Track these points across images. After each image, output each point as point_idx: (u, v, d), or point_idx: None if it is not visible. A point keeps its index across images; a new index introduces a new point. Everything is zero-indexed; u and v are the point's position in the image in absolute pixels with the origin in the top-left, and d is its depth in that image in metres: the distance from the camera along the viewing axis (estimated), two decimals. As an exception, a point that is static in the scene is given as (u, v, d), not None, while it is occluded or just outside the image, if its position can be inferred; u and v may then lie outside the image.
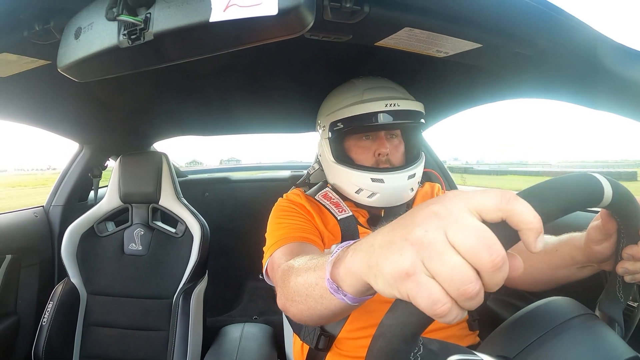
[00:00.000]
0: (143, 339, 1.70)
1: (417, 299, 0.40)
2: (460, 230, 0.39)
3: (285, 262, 0.96)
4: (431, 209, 0.43)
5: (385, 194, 1.22)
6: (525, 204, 0.41)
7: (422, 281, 0.40)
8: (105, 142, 2.21)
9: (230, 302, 3.01)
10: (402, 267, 0.41)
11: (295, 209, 1.27)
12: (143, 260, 1.81)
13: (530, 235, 0.40)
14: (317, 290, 0.67)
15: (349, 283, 0.55)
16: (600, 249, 0.77)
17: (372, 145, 1.26)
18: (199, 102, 1.91)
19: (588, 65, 0.86)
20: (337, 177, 1.32)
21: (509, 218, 0.40)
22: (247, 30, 0.65)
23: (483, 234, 0.39)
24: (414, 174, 1.24)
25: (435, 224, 0.41)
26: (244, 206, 2.98)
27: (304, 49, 1.26)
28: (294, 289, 0.77)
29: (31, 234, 1.94)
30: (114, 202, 1.91)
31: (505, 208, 0.40)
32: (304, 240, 1.14)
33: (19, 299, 1.84)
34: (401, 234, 0.43)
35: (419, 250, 0.41)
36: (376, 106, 1.18)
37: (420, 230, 0.41)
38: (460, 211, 0.41)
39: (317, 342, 1.16)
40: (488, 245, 0.38)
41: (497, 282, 0.39)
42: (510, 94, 1.39)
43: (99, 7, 0.73)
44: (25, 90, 1.32)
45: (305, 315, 0.76)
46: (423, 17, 0.81)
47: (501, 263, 0.38)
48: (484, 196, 0.41)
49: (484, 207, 0.41)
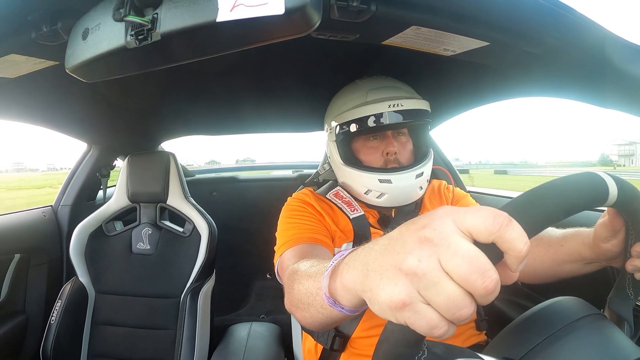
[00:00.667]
0: (150, 337, 1.71)
1: (415, 325, 0.41)
2: (453, 257, 0.39)
3: (293, 263, 0.96)
4: (423, 233, 0.42)
5: (394, 194, 1.23)
6: (518, 230, 0.40)
7: (419, 310, 0.40)
8: (113, 142, 2.22)
9: (237, 301, 3.02)
10: (398, 298, 0.41)
11: (305, 209, 1.27)
12: (151, 259, 1.82)
13: (514, 262, 0.41)
14: (317, 300, 0.68)
15: (346, 298, 0.55)
16: (608, 247, 0.77)
17: (380, 145, 1.27)
18: (206, 102, 1.91)
19: (596, 63, 0.86)
20: (346, 178, 1.33)
21: (498, 242, 0.40)
22: (254, 30, 0.65)
23: (476, 260, 0.39)
24: (422, 173, 1.24)
25: (427, 251, 0.40)
26: (251, 205, 2.98)
27: (311, 48, 1.26)
28: (297, 297, 0.78)
29: (40, 234, 1.95)
30: (122, 202, 1.91)
31: (496, 234, 0.39)
32: (313, 241, 1.15)
33: (27, 297, 1.86)
34: (394, 262, 0.43)
35: (413, 280, 0.41)
36: (380, 107, 1.18)
37: (414, 260, 0.41)
38: (452, 235, 0.40)
39: (332, 343, 1.16)
40: (481, 271, 0.38)
41: (489, 301, 0.40)
42: (517, 92, 1.38)
43: (106, 8, 0.73)
44: (33, 91, 1.32)
45: (309, 322, 0.77)
46: (430, 16, 0.81)
47: (494, 288, 0.38)
48: (476, 217, 0.40)
49: (476, 229, 0.40)
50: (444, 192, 1.43)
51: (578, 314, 0.64)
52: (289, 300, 0.84)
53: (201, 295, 1.70)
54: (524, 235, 0.40)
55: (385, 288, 0.43)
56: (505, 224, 0.39)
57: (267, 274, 3.11)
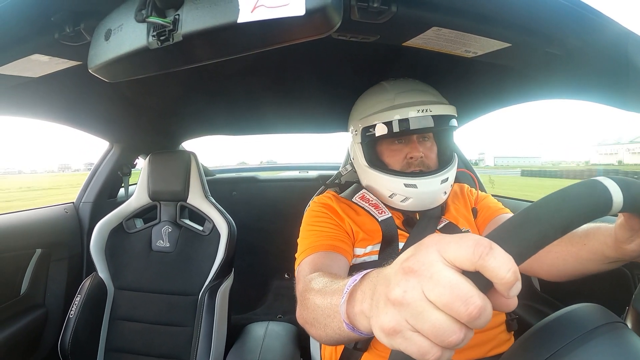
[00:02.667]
0: (168, 334, 1.72)
1: (407, 351, 0.43)
2: (435, 287, 0.40)
3: (308, 274, 0.98)
4: (407, 264, 0.44)
5: (419, 198, 1.22)
6: (500, 258, 0.40)
7: (409, 336, 0.42)
8: (134, 141, 2.25)
9: (255, 300, 3.03)
10: (389, 326, 0.44)
11: (327, 213, 1.27)
12: (170, 257, 1.83)
13: (503, 289, 0.41)
14: (335, 322, 0.68)
15: (363, 324, 0.56)
16: (633, 247, 0.76)
17: (404, 148, 1.26)
18: (226, 103, 1.93)
19: (619, 64, 0.84)
20: (370, 180, 1.32)
21: (481, 270, 0.40)
22: (274, 31, 0.65)
23: (457, 288, 0.39)
24: (447, 178, 1.23)
25: (412, 282, 0.42)
26: (271, 206, 2.99)
27: (331, 49, 1.26)
28: (312, 315, 0.79)
29: (61, 230, 1.98)
30: (142, 200, 1.94)
31: (477, 263, 0.40)
32: (331, 248, 1.15)
33: (47, 292, 1.89)
34: (384, 293, 0.46)
35: (400, 310, 0.43)
36: (408, 112, 1.17)
37: (400, 291, 0.43)
38: (434, 264, 0.42)
39: (355, 342, 1.15)
40: (464, 299, 0.39)
41: (480, 326, 0.40)
42: (540, 94, 1.37)
43: (128, 9, 0.74)
44: (57, 91, 1.35)
45: (324, 340, 0.77)
46: (451, 17, 0.80)
47: (478, 314, 0.39)
48: (458, 248, 0.41)
49: (458, 259, 0.41)
50: (467, 195, 1.42)
51: (597, 322, 0.62)
52: (303, 316, 0.85)
53: (219, 293, 1.71)
54: (509, 262, 0.40)
55: (379, 316, 0.46)
56: (485, 253, 0.40)
57: (285, 274, 3.12)
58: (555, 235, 0.47)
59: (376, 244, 1.22)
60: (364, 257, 1.21)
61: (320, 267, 1.05)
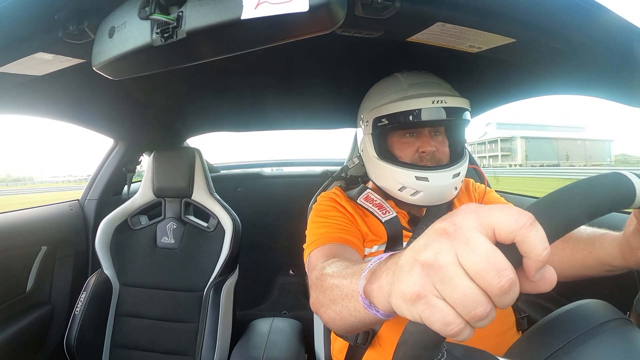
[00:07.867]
0: (173, 330, 1.73)
1: (430, 320, 0.41)
2: (470, 253, 0.39)
3: (321, 263, 0.97)
4: (443, 227, 0.42)
5: (429, 192, 1.19)
6: (540, 233, 0.39)
7: (434, 303, 0.41)
8: (139, 138, 2.25)
9: (260, 296, 3.03)
10: (413, 290, 0.42)
11: (337, 208, 1.27)
12: (175, 253, 1.84)
13: (533, 267, 0.40)
14: (352, 302, 0.67)
15: (381, 301, 0.55)
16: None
17: (415, 142, 1.24)
18: (231, 99, 1.93)
19: (624, 60, 0.84)
20: (379, 173, 1.30)
21: (519, 243, 0.39)
22: (278, 27, 0.65)
23: (494, 258, 0.38)
24: (459, 173, 1.21)
25: (446, 245, 0.41)
26: (276, 202, 2.98)
27: (336, 45, 1.25)
28: (328, 297, 0.77)
29: (66, 227, 1.99)
30: (147, 196, 1.94)
31: (519, 233, 0.39)
32: (343, 241, 1.14)
33: (53, 289, 1.90)
34: (413, 255, 0.44)
35: (429, 272, 0.41)
36: (422, 102, 1.15)
37: (431, 252, 0.41)
38: (472, 231, 0.40)
39: (356, 337, 1.15)
40: (498, 270, 0.38)
41: (507, 303, 0.39)
42: (544, 90, 1.36)
43: (132, 7, 0.74)
44: (61, 89, 1.35)
45: (338, 324, 0.76)
46: (455, 12, 0.80)
47: (509, 288, 0.38)
48: (501, 215, 0.40)
49: (499, 227, 0.40)
50: (472, 191, 1.41)
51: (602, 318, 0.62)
52: (317, 300, 0.84)
53: (224, 289, 1.71)
54: (545, 240, 0.39)
55: (402, 280, 0.44)
56: (529, 223, 0.39)
57: (290, 270, 3.11)
58: (583, 220, 0.47)
59: (382, 244, 1.21)
60: (370, 257, 1.20)
61: (335, 255, 1.04)
